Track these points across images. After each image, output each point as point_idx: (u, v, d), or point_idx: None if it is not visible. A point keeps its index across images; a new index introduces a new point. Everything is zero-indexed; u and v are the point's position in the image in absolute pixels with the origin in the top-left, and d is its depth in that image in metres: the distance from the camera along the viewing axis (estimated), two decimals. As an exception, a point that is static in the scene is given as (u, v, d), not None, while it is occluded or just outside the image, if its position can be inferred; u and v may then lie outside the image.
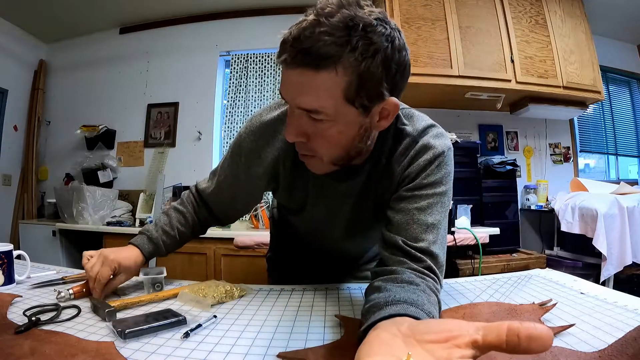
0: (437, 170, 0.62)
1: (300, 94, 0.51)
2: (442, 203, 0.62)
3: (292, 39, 0.49)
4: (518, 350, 0.28)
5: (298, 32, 0.48)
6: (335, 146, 0.57)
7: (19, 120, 3.21)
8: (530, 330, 0.27)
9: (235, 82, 3.04)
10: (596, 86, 2.64)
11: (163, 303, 0.66)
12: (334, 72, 0.49)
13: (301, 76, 0.50)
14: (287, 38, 0.49)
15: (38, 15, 2.97)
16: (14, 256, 0.76)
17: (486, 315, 0.53)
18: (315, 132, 0.55)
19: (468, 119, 3.03)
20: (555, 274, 0.83)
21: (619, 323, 0.51)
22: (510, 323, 0.28)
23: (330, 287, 0.76)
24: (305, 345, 0.46)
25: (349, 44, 0.48)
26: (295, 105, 0.53)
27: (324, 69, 0.49)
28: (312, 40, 0.47)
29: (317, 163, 0.60)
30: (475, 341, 0.29)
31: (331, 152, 0.58)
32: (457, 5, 2.42)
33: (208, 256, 2.29)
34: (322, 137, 0.55)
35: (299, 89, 0.51)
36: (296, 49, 0.48)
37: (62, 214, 2.70)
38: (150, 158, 3.07)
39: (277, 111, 0.69)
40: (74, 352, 0.42)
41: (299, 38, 0.48)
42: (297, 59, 0.49)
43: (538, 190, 2.90)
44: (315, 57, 0.48)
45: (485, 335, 0.29)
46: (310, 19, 0.48)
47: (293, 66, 0.50)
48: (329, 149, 0.57)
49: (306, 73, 0.49)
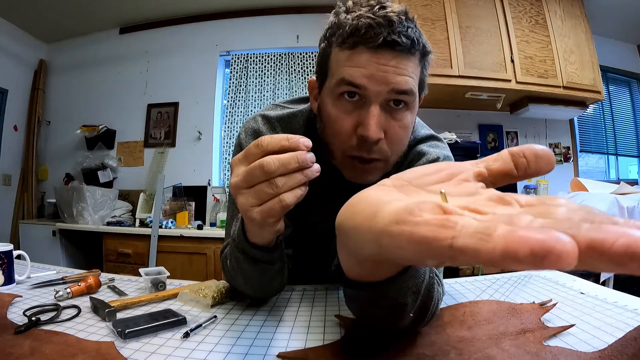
0: None
1: (396, 75, 0.50)
2: None
3: (387, 22, 0.48)
4: (529, 172, 0.26)
5: (387, 18, 0.49)
6: (406, 138, 0.57)
7: (19, 120, 3.21)
8: (532, 149, 0.26)
9: (235, 82, 3.04)
10: (596, 86, 2.64)
11: (163, 303, 0.66)
12: (417, 58, 0.52)
13: (398, 60, 0.50)
14: (376, 20, 0.49)
15: (38, 15, 2.97)
16: (14, 256, 0.76)
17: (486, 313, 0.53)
18: (393, 125, 0.53)
19: (468, 119, 3.03)
20: (555, 274, 0.83)
21: (619, 323, 0.51)
22: (510, 148, 0.27)
23: (330, 287, 0.76)
24: (305, 345, 0.46)
25: (422, 35, 0.52)
26: (391, 87, 0.50)
27: (412, 54, 0.51)
28: (404, 26, 0.49)
29: (378, 167, 0.56)
30: (480, 174, 0.27)
31: (401, 148, 0.57)
32: (457, 5, 2.42)
33: (208, 256, 2.29)
34: (400, 128, 0.54)
35: (395, 72, 0.50)
36: (395, 33, 0.49)
37: (62, 214, 2.70)
38: (150, 158, 3.08)
39: (278, 111, 0.68)
40: (74, 352, 0.42)
41: (392, 22, 0.49)
42: (396, 44, 0.49)
43: (538, 190, 2.90)
44: (412, 42, 0.50)
45: (489, 166, 0.27)
46: (384, 8, 0.50)
47: (387, 49, 0.49)
48: (402, 143, 0.56)
49: (403, 57, 0.50)
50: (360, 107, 0.52)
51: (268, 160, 0.34)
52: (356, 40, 0.50)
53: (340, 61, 0.52)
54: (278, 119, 0.68)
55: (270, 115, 0.68)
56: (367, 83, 0.50)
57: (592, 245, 0.14)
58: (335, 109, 0.54)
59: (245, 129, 0.68)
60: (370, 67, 0.49)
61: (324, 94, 0.57)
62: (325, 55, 0.56)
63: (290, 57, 3.04)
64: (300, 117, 0.69)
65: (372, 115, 0.50)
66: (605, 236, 0.14)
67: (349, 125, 0.53)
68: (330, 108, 0.54)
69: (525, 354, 0.41)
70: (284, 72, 3.05)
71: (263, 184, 0.35)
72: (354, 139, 0.53)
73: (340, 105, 0.53)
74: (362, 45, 0.49)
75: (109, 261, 2.44)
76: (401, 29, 0.49)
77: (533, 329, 0.47)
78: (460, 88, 2.42)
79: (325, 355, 0.42)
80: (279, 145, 0.35)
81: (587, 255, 0.14)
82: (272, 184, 0.34)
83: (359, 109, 0.52)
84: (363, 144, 0.52)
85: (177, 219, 2.57)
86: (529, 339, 0.44)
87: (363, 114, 0.51)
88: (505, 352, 0.41)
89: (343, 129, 0.53)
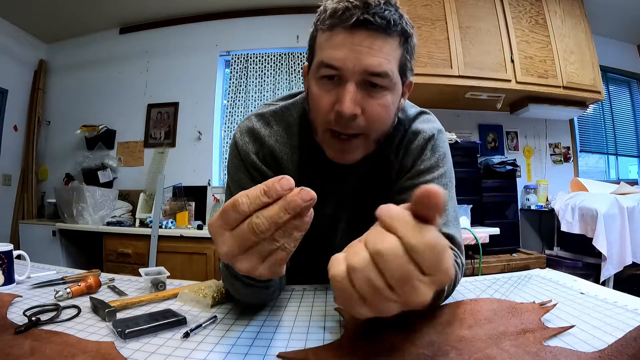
0: (431, 155, 0.64)
1: (370, 56, 0.51)
2: (443, 185, 0.62)
3: (362, 4, 0.50)
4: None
5: (363, 1, 0.50)
6: (387, 118, 0.58)
7: (19, 120, 3.21)
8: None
9: (235, 82, 3.04)
10: (596, 86, 2.65)
11: (163, 303, 0.66)
12: (397, 40, 0.53)
13: (372, 40, 0.51)
14: (353, 3, 0.50)
15: (38, 15, 2.97)
16: (14, 256, 0.76)
17: (487, 312, 0.53)
18: (372, 103, 0.54)
19: (468, 119, 3.03)
20: (555, 274, 0.83)
21: (619, 323, 0.51)
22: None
23: (330, 287, 0.76)
24: (305, 345, 0.46)
25: (402, 18, 0.53)
26: (363, 68, 0.52)
27: (390, 36, 0.52)
28: (380, 8, 0.51)
29: (358, 145, 0.58)
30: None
31: (382, 127, 0.58)
32: (457, 5, 2.42)
33: (208, 256, 2.29)
34: (379, 105, 0.55)
35: (369, 52, 0.51)
36: (369, 13, 0.50)
37: (62, 214, 2.70)
38: (150, 158, 3.08)
39: (270, 108, 0.69)
40: (74, 352, 0.42)
41: (368, 4, 0.50)
42: (369, 23, 0.50)
43: (538, 190, 2.90)
44: (387, 22, 0.51)
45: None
46: None
47: (362, 29, 0.51)
48: (382, 122, 0.57)
49: (378, 37, 0.51)
50: (338, 85, 0.54)
51: (257, 222, 0.31)
52: (334, 22, 0.52)
53: (321, 43, 0.55)
54: (271, 114, 0.69)
55: (264, 112, 0.69)
56: (342, 64, 0.52)
57: None
58: (317, 88, 0.57)
59: (240, 129, 0.69)
60: (345, 47, 0.52)
61: (309, 77, 0.60)
62: (312, 39, 0.59)
63: (290, 57, 3.04)
64: (294, 109, 0.70)
65: (348, 92, 0.52)
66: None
67: (328, 102, 0.55)
68: (313, 88, 0.58)
69: (525, 354, 0.41)
70: (284, 72, 3.05)
71: (261, 244, 0.33)
72: (332, 115, 0.55)
73: (322, 85, 0.56)
74: (338, 26, 0.52)
75: (109, 261, 2.44)
76: (377, 11, 0.50)
77: (533, 329, 0.47)
78: (460, 88, 2.42)
79: (325, 356, 0.42)
80: (260, 205, 0.32)
81: None
82: (272, 240, 0.33)
83: (337, 87, 0.55)
84: (340, 119, 0.54)
85: (177, 219, 2.57)
86: (529, 339, 0.44)
87: (340, 91, 0.54)
88: (505, 352, 0.41)
89: (323, 106, 0.56)
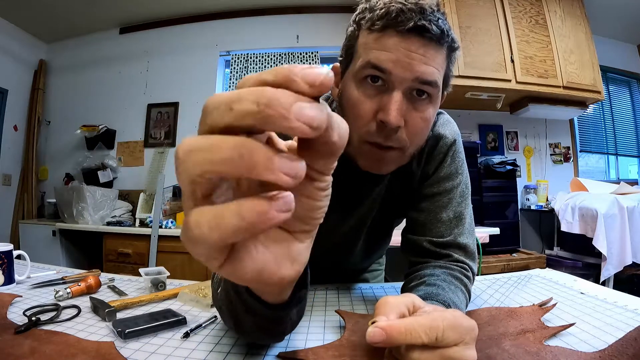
0: (451, 162, 0.63)
1: (423, 63, 0.49)
2: (461, 193, 0.63)
3: (419, 9, 0.47)
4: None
5: (419, 5, 0.48)
6: (426, 133, 0.56)
7: (19, 120, 3.21)
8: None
9: (236, 82, 3.04)
10: (596, 86, 2.65)
11: (163, 303, 0.66)
12: (444, 51, 0.51)
13: (425, 48, 0.48)
14: (408, 6, 0.47)
15: (38, 15, 2.97)
16: (14, 256, 0.76)
17: (486, 317, 0.53)
18: (414, 116, 0.51)
19: (468, 119, 3.03)
20: (555, 274, 0.83)
21: (619, 323, 0.51)
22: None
23: (330, 288, 0.76)
24: (305, 345, 0.46)
25: (451, 29, 0.50)
26: (415, 75, 0.49)
27: (442, 46, 0.50)
28: (435, 16, 0.48)
29: (394, 157, 0.54)
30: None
31: (420, 141, 0.55)
32: (457, 5, 2.42)
33: (208, 256, 2.29)
34: (421, 119, 0.52)
35: (421, 60, 0.48)
36: (425, 19, 0.47)
37: (62, 214, 2.70)
38: (150, 158, 3.08)
39: None
40: (74, 352, 0.42)
41: (424, 10, 0.47)
42: (425, 30, 0.47)
43: (538, 190, 2.90)
44: (441, 32, 0.48)
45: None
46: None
47: (416, 35, 0.48)
48: (422, 136, 0.54)
49: (431, 46, 0.49)
50: (383, 92, 0.50)
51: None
52: (386, 24, 0.49)
53: (368, 44, 0.51)
54: None
55: None
56: (392, 68, 0.49)
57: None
58: (358, 92, 0.52)
59: None
60: (398, 51, 0.48)
61: (346, 78, 0.56)
62: (352, 38, 0.55)
63: (290, 57, 3.04)
64: None
65: (394, 100, 0.49)
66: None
67: (369, 109, 0.51)
68: (352, 91, 0.53)
69: (526, 353, 0.41)
70: (284, 72, 3.05)
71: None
72: (374, 124, 0.51)
73: (363, 89, 0.52)
74: (391, 28, 0.48)
75: (109, 261, 2.44)
76: (432, 18, 0.48)
77: (533, 329, 0.47)
78: (460, 88, 2.42)
79: (325, 356, 0.42)
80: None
81: None
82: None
83: (382, 94, 0.51)
84: (382, 130, 0.50)
85: (177, 219, 2.57)
86: (529, 339, 0.44)
87: (385, 98, 0.50)
88: (506, 352, 0.41)
89: (363, 113, 0.51)
